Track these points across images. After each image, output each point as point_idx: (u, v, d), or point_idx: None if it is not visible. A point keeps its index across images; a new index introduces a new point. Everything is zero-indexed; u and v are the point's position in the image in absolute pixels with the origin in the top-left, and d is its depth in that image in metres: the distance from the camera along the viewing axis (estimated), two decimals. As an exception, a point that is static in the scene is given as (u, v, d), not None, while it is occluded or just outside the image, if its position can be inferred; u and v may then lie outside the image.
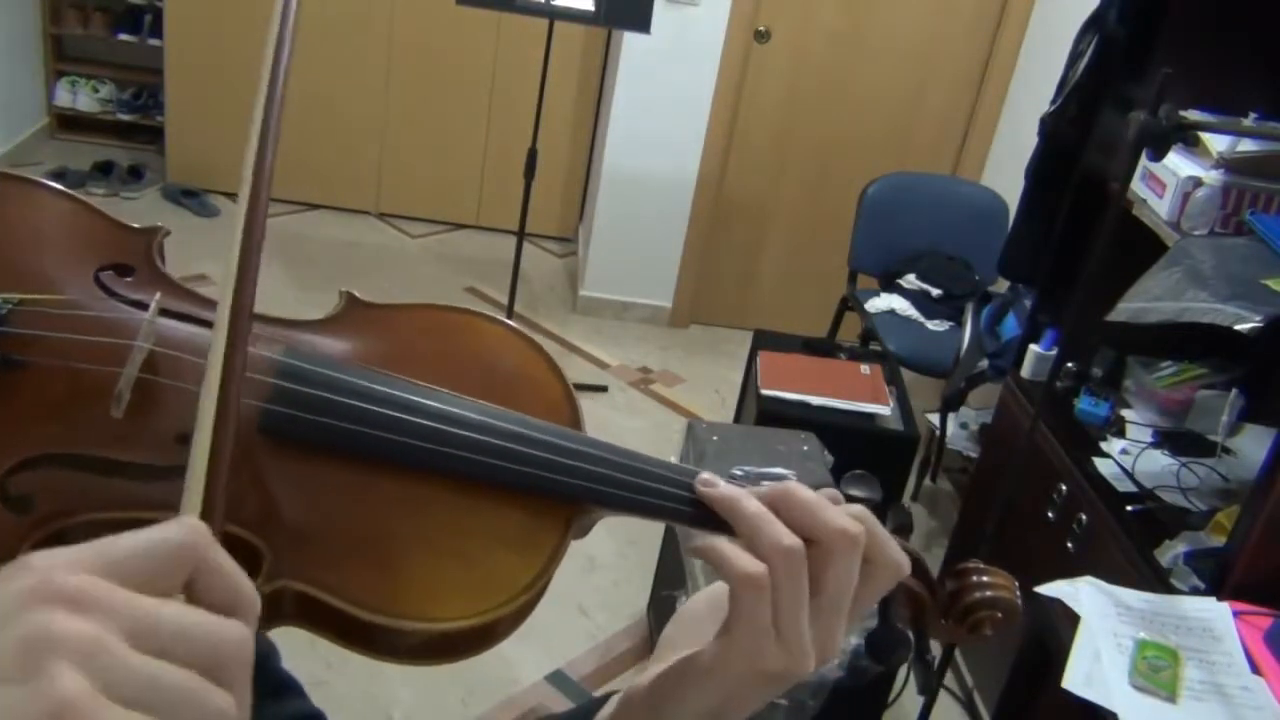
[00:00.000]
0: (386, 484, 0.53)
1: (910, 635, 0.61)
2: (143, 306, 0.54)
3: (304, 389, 0.53)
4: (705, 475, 0.56)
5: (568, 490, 0.55)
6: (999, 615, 0.60)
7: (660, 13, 3.65)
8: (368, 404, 0.53)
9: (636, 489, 0.56)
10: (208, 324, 0.54)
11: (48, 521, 0.47)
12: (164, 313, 0.54)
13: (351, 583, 0.50)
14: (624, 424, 3.71)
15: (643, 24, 3.35)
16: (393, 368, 0.56)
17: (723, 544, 0.53)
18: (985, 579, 0.61)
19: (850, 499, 0.57)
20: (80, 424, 0.50)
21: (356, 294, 0.60)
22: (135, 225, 0.59)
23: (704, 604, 0.64)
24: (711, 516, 0.55)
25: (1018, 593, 0.61)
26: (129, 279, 0.56)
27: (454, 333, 0.61)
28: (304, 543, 0.50)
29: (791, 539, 0.52)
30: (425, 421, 0.54)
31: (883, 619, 0.58)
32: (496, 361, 0.60)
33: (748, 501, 0.54)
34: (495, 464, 0.54)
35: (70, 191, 0.59)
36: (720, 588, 0.61)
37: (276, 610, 0.50)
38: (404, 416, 0.53)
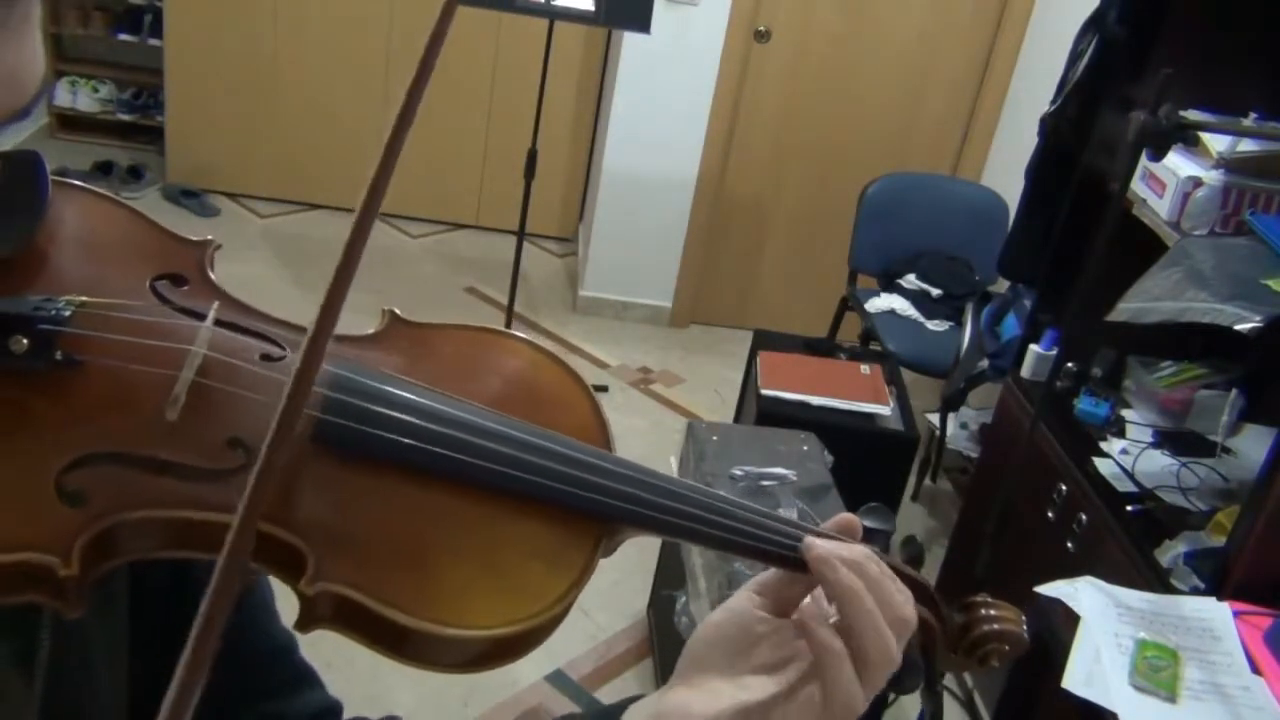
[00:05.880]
0: (425, 494, 0.55)
1: (920, 662, 0.62)
2: (197, 315, 0.56)
3: (354, 400, 0.55)
4: (817, 543, 0.59)
5: (598, 508, 0.56)
6: (1006, 648, 0.63)
7: (660, 13, 3.65)
8: (411, 417, 0.55)
9: (670, 511, 0.58)
10: (261, 335, 0.57)
11: (100, 517, 0.49)
12: (219, 322, 0.56)
13: (389, 587, 0.51)
14: (624, 424, 3.71)
15: (643, 24, 3.35)
16: (432, 383, 0.58)
17: (881, 626, 0.57)
18: (993, 613, 0.63)
19: (866, 531, 0.59)
20: (136, 424, 0.51)
21: (398, 312, 0.63)
22: (191, 238, 0.61)
23: (731, 628, 0.62)
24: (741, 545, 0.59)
25: (1025, 626, 0.64)
26: (184, 288, 0.58)
27: (492, 352, 0.63)
28: (345, 548, 0.52)
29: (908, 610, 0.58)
30: (463, 435, 0.55)
31: None
32: (531, 381, 0.62)
33: (865, 598, 0.57)
34: (527, 478, 0.56)
35: (128, 204, 0.61)
36: (750, 614, 0.62)
37: (316, 613, 0.51)
38: (444, 430, 0.55)
